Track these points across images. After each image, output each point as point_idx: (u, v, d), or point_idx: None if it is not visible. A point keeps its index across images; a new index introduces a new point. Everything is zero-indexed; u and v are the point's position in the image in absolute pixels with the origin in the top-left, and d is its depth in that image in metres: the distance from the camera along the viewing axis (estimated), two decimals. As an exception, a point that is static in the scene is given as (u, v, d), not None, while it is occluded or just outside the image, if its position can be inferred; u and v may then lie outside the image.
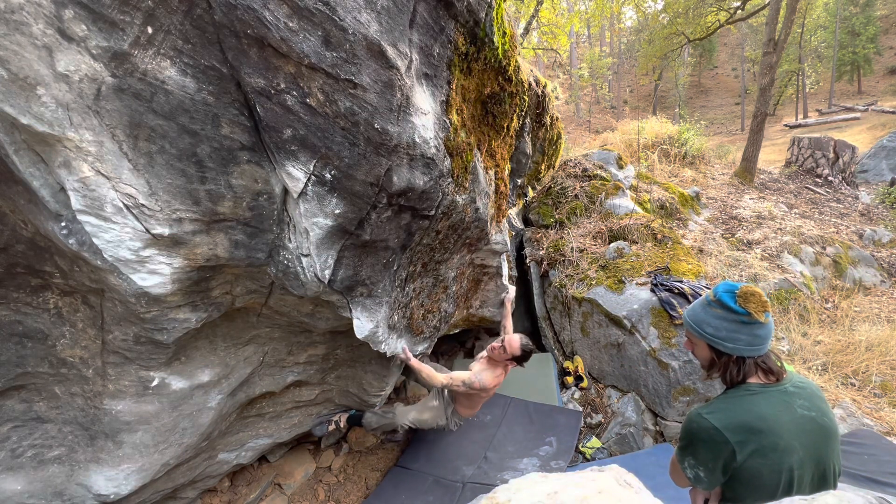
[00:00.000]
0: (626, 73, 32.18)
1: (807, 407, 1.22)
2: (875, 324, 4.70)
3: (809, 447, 1.18)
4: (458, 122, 2.05)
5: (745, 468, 1.19)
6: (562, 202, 5.05)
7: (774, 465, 1.17)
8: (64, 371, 1.67)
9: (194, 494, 2.42)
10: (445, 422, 2.82)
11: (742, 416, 1.20)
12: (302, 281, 1.67)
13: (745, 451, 1.17)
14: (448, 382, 2.50)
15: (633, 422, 3.24)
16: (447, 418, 2.82)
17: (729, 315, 1.25)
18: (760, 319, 1.22)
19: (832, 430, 1.23)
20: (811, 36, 24.45)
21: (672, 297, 3.36)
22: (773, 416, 1.19)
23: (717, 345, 1.28)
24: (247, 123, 1.38)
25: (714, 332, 1.28)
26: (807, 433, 1.19)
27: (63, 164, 1.21)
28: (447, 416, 2.81)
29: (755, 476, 1.19)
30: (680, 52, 16.05)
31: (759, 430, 1.17)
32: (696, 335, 1.34)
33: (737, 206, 7.56)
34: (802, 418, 1.20)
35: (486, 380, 2.54)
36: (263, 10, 1.24)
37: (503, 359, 2.54)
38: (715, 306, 1.29)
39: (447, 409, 2.81)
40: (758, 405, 1.21)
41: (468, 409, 2.81)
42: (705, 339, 1.31)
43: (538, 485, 1.18)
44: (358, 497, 2.90)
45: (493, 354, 2.58)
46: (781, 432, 1.17)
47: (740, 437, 1.18)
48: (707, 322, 1.30)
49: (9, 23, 1.05)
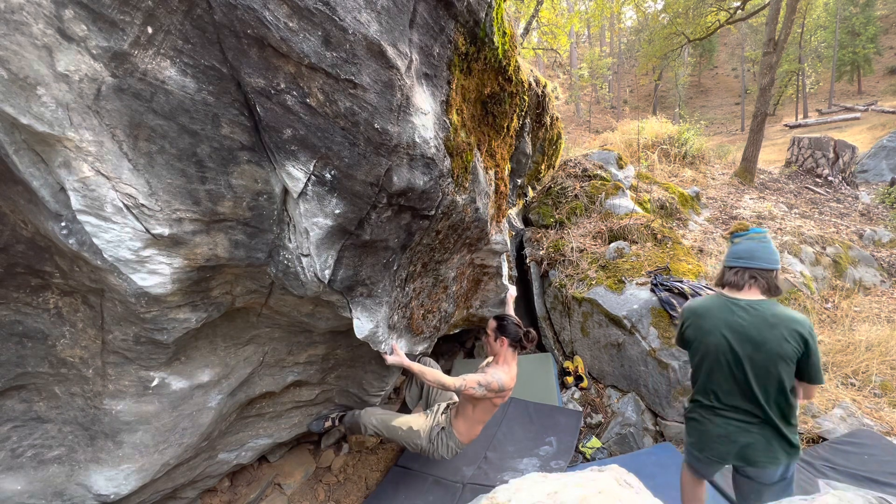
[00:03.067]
0: (626, 73, 32.19)
1: (743, 318, 1.75)
2: (875, 324, 4.70)
3: (729, 340, 1.75)
4: (458, 122, 2.05)
5: (686, 335, 1.93)
6: (562, 202, 5.05)
7: (699, 337, 1.86)
8: (64, 371, 1.67)
9: (194, 494, 2.42)
10: (426, 446, 2.47)
11: (698, 304, 1.92)
12: (302, 281, 1.67)
13: (687, 323, 1.93)
14: (461, 384, 2.25)
15: (633, 422, 3.24)
16: (430, 441, 2.47)
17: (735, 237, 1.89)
18: (740, 234, 1.87)
19: (758, 341, 1.70)
20: (811, 36, 24.45)
21: (672, 297, 3.36)
22: (711, 311, 1.84)
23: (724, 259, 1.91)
24: (247, 123, 1.38)
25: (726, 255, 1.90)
26: (731, 330, 1.76)
27: (63, 164, 1.21)
28: (431, 438, 2.47)
29: (690, 341, 1.92)
30: (680, 52, 16.04)
31: (699, 314, 1.88)
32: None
33: (737, 206, 7.56)
34: (733, 321, 1.76)
35: (503, 379, 2.33)
36: (263, 10, 1.24)
37: (498, 345, 2.44)
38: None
39: (434, 431, 2.49)
40: (711, 301, 1.87)
41: (472, 428, 2.48)
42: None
43: (538, 485, 1.18)
44: (358, 497, 2.90)
45: (488, 343, 2.49)
46: (711, 319, 1.82)
47: (689, 314, 1.93)
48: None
49: (9, 23, 1.05)
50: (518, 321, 2.56)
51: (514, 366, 2.47)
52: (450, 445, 2.49)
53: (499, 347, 2.47)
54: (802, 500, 1.04)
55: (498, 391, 2.33)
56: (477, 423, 2.47)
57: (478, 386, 2.28)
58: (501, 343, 2.46)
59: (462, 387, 2.25)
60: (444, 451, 2.49)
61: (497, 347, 2.48)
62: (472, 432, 2.50)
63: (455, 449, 2.50)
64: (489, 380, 2.31)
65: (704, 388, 1.87)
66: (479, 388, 2.29)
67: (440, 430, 2.50)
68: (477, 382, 2.29)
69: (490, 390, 2.30)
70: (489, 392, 2.31)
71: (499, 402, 2.43)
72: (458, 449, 2.51)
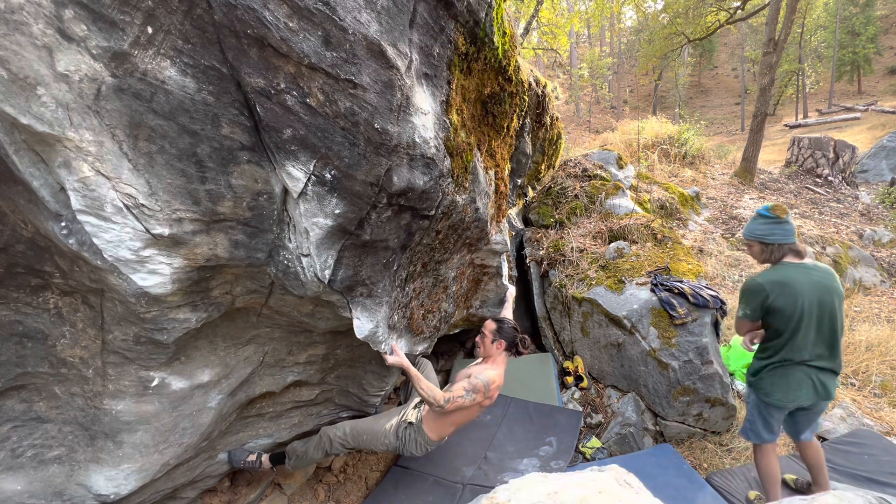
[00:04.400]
0: (626, 73, 32.19)
1: (818, 275, 2.13)
2: (875, 324, 4.70)
3: (815, 296, 2.09)
4: (458, 122, 2.05)
5: (774, 306, 2.13)
6: (562, 202, 5.05)
7: (790, 302, 2.10)
8: (64, 371, 1.67)
9: (194, 494, 2.41)
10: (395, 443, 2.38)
11: (777, 277, 2.14)
12: (302, 281, 1.67)
13: (774, 294, 2.12)
14: (449, 397, 2.17)
15: (633, 422, 3.24)
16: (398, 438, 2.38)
17: (768, 220, 2.18)
18: (784, 217, 2.17)
19: (835, 288, 2.14)
20: (811, 36, 24.46)
21: (672, 297, 3.36)
22: (794, 277, 2.12)
23: (764, 239, 2.19)
24: (247, 123, 1.38)
25: (761, 232, 2.20)
26: (814, 287, 2.10)
27: (63, 164, 1.21)
28: (399, 435, 2.38)
29: (781, 311, 2.12)
30: (680, 52, 16.05)
31: (784, 283, 2.12)
32: (751, 238, 2.25)
33: (737, 206, 7.57)
34: (812, 280, 2.11)
35: (490, 375, 2.31)
36: (263, 10, 1.24)
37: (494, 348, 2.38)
38: (759, 219, 2.22)
39: (401, 427, 2.40)
40: (786, 270, 2.15)
41: (442, 428, 2.38)
42: (756, 237, 2.21)
43: (538, 485, 1.18)
44: (358, 497, 2.90)
45: (483, 344, 2.45)
46: (796, 285, 2.10)
47: (773, 287, 2.12)
48: (756, 228, 2.22)
49: (9, 23, 1.05)
50: (516, 326, 2.53)
51: (503, 370, 2.44)
52: (418, 441, 2.38)
53: (494, 350, 2.44)
54: (802, 500, 1.04)
55: (484, 391, 2.28)
56: (449, 424, 2.39)
57: (465, 394, 2.23)
58: (498, 346, 2.44)
59: (450, 401, 2.17)
60: (414, 447, 2.39)
61: (492, 349, 2.45)
62: (443, 431, 2.41)
63: (425, 446, 2.40)
64: (474, 382, 2.27)
65: (793, 346, 2.14)
66: (468, 396, 2.23)
67: (407, 425, 2.40)
68: (463, 390, 2.23)
69: (476, 391, 2.25)
70: (477, 395, 2.26)
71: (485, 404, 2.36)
72: (427, 446, 2.40)
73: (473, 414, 2.42)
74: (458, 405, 2.22)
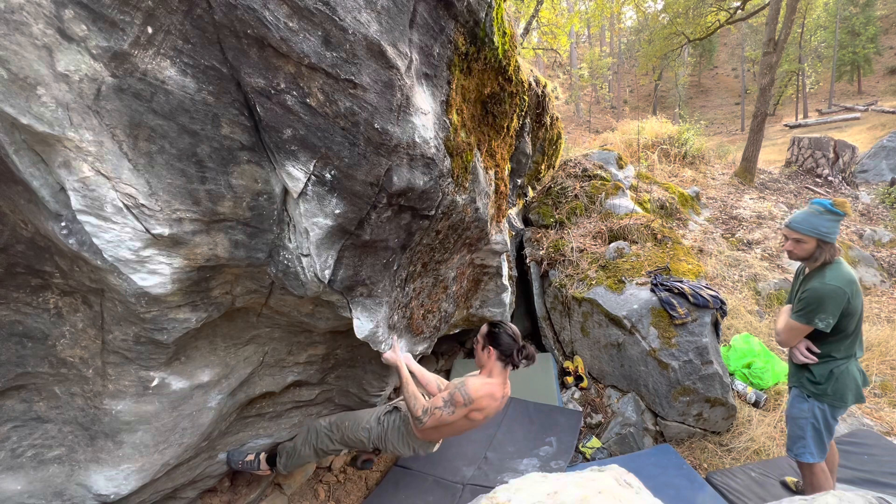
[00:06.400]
0: (626, 73, 32.18)
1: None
2: (875, 324, 4.70)
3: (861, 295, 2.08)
4: (458, 122, 2.05)
5: (851, 307, 2.03)
6: (562, 202, 5.05)
7: (859, 300, 2.05)
8: (64, 371, 1.67)
9: (194, 494, 2.41)
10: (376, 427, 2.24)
11: (846, 276, 2.03)
12: (302, 281, 1.67)
13: (851, 295, 2.01)
14: (427, 408, 2.02)
15: (633, 422, 3.24)
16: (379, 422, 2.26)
17: (835, 217, 2.02)
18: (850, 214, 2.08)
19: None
20: (811, 36, 24.46)
21: (672, 296, 3.36)
22: (853, 273, 2.07)
23: (825, 237, 2.03)
24: (247, 123, 1.38)
25: (826, 230, 2.03)
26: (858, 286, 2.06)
27: (63, 164, 1.21)
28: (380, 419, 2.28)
29: (854, 309, 2.04)
30: (680, 52, 16.06)
31: (853, 282, 2.04)
32: (809, 235, 2.05)
33: (737, 206, 7.57)
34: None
35: (474, 388, 2.02)
36: (263, 10, 1.24)
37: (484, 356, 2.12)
38: (824, 214, 2.03)
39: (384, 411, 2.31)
40: (846, 268, 2.06)
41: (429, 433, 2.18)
42: (818, 235, 2.04)
43: (538, 485, 1.18)
44: (358, 497, 2.90)
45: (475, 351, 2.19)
46: (857, 281, 2.06)
47: (849, 288, 2.01)
48: (821, 224, 2.03)
49: (9, 23, 1.05)
50: (515, 331, 2.16)
51: (501, 381, 2.12)
52: (402, 431, 2.21)
53: (485, 359, 2.12)
54: (803, 500, 1.04)
55: (466, 403, 2.01)
56: (435, 433, 2.20)
57: (443, 405, 2.01)
58: (489, 354, 2.11)
59: (427, 413, 2.00)
60: (396, 437, 2.20)
61: (483, 358, 2.14)
62: (428, 435, 2.19)
63: (408, 439, 2.21)
64: (453, 393, 2.02)
65: (855, 342, 2.12)
66: (446, 409, 2.01)
67: (392, 409, 2.26)
68: (442, 400, 2.02)
69: (456, 404, 2.01)
70: (458, 408, 2.01)
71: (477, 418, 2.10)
72: (411, 441, 2.21)
73: (464, 428, 2.17)
74: (437, 419, 2.02)
